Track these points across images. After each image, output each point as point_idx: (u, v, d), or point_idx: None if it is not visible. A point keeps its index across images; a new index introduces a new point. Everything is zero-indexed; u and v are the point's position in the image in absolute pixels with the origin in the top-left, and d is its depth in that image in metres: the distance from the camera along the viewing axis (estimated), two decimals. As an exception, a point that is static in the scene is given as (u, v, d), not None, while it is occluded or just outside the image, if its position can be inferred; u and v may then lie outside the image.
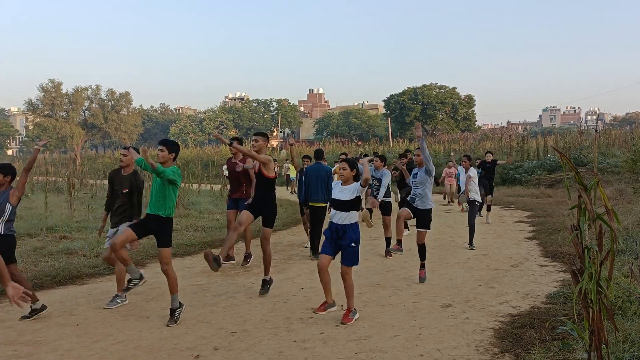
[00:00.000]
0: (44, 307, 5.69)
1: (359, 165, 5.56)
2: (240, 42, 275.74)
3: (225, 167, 30.04)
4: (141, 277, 5.53)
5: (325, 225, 8.11)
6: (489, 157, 13.81)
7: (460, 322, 5.31)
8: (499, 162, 14.42)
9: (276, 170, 29.04)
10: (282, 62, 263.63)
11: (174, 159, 5.55)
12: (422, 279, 6.95)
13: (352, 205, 5.37)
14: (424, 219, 7.00)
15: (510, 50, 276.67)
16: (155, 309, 5.95)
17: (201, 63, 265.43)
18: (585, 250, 3.25)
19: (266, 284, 6.54)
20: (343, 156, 10.23)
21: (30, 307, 5.54)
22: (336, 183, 5.58)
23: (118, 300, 6.03)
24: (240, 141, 7.47)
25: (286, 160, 29.76)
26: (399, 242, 7.26)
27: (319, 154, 9.37)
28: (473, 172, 9.93)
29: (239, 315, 5.67)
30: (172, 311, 5.41)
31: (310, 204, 8.91)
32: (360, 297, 6.34)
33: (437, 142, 39.56)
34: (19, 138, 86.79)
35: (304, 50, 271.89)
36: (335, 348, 4.66)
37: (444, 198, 17.97)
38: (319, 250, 5.59)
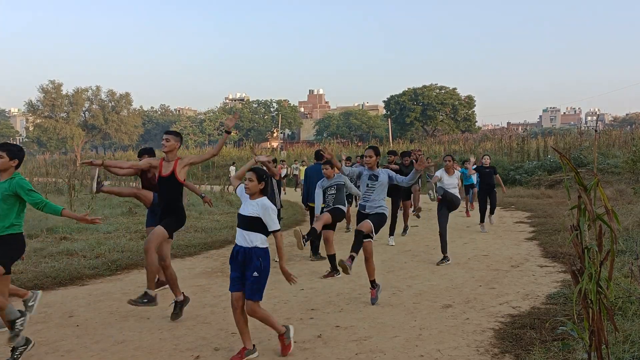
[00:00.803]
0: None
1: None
2: (241, 43, 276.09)
3: (232, 168, 29.90)
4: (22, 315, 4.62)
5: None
6: (487, 161, 12.22)
7: (461, 323, 5.31)
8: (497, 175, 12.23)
9: (287, 171, 28.65)
10: (282, 63, 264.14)
11: (17, 166, 4.59)
12: (372, 300, 6.04)
13: (254, 224, 4.43)
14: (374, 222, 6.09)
15: (510, 51, 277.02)
16: (155, 309, 5.95)
17: (201, 64, 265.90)
18: (585, 250, 3.25)
19: (177, 307, 5.52)
20: (344, 159, 10.09)
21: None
22: (242, 192, 4.58)
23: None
24: (151, 152, 6.77)
25: (295, 161, 29.83)
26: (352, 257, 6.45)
27: (319, 155, 9.37)
28: (457, 176, 8.72)
29: (239, 316, 5.66)
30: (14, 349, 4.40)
31: (310, 204, 8.90)
32: (360, 297, 6.34)
33: (437, 142, 39.59)
34: (19, 139, 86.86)
35: (304, 51, 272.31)
36: (336, 349, 4.66)
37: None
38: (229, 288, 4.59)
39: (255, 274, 4.40)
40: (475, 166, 12.65)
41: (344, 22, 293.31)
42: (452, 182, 8.60)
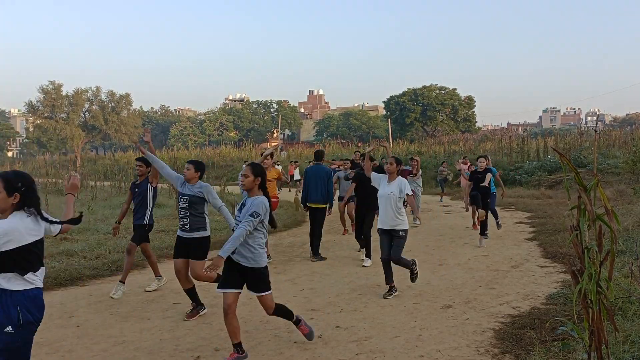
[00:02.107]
0: None
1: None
2: (241, 44, 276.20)
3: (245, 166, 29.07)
4: None
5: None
6: (482, 164, 10.13)
7: (461, 323, 5.31)
8: (495, 172, 10.48)
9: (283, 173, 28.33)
10: (282, 64, 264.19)
11: None
12: (307, 335, 4.78)
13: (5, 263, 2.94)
14: (255, 280, 4.49)
15: (510, 51, 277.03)
16: (156, 310, 5.95)
17: (202, 65, 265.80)
18: (585, 250, 3.26)
19: None
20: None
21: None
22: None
23: None
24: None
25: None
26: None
27: (319, 155, 9.37)
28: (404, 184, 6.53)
29: (239, 317, 5.63)
30: None
31: (309, 205, 8.90)
32: (360, 298, 6.34)
33: (437, 143, 39.56)
34: (19, 140, 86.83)
35: (304, 52, 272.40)
36: (336, 349, 4.66)
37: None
38: None
39: (9, 329, 2.93)
40: (468, 172, 10.95)
41: (343, 22, 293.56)
42: (389, 191, 6.38)
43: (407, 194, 6.39)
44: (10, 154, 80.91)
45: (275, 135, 77.36)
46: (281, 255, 9.28)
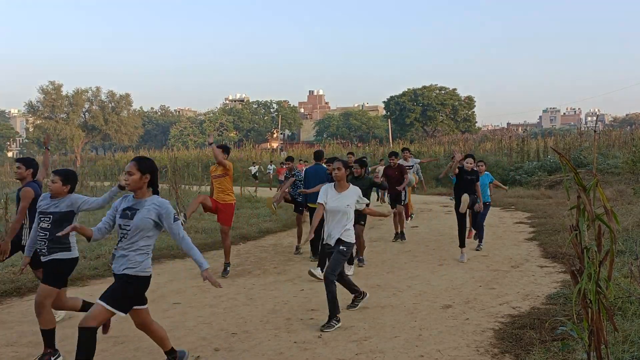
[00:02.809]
0: None
1: None
2: (241, 44, 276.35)
3: (252, 168, 29.50)
4: None
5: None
6: (469, 164, 8.54)
7: (461, 323, 5.31)
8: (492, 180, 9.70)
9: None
10: (282, 64, 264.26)
11: None
12: None
13: None
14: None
15: (510, 52, 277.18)
16: (156, 310, 5.95)
17: (202, 65, 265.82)
18: (585, 250, 3.26)
19: None
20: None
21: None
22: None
23: None
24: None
25: (271, 162, 29.84)
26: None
27: (318, 155, 9.36)
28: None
29: (239, 317, 5.68)
30: None
31: (309, 205, 8.90)
32: (360, 298, 6.35)
33: (437, 143, 39.56)
34: (19, 140, 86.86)
35: (304, 52, 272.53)
36: (336, 349, 4.66)
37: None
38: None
39: None
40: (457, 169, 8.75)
41: (344, 22, 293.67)
42: (339, 205, 5.51)
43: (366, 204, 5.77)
44: (10, 154, 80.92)
45: (275, 135, 77.41)
46: (281, 255, 9.29)
